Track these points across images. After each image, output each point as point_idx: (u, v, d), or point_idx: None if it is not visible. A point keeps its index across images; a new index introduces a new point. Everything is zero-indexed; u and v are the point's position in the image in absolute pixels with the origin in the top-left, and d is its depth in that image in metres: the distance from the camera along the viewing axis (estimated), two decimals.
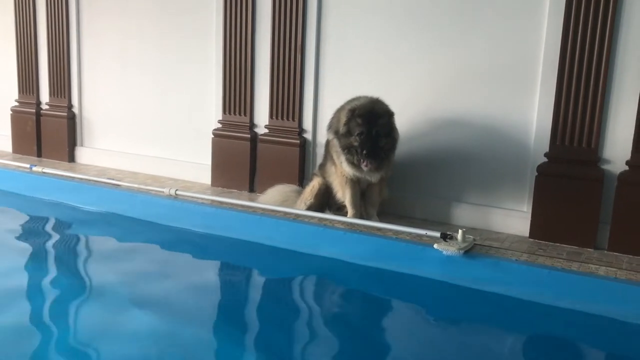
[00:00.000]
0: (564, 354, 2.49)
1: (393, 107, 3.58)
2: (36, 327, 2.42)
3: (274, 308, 2.80)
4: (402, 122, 3.73)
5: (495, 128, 3.65)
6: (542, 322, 2.71)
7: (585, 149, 3.35)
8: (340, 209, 3.73)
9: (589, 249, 3.32)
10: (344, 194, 3.65)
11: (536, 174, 3.48)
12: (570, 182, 3.37)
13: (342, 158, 3.52)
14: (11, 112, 5.60)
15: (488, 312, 2.82)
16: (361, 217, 3.59)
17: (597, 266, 2.99)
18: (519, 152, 3.59)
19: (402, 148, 3.82)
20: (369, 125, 3.35)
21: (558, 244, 3.40)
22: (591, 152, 3.34)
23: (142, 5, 4.85)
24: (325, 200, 3.77)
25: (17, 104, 5.58)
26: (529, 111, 3.53)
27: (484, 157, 3.70)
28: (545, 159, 3.46)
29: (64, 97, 5.31)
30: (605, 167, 3.35)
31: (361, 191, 3.68)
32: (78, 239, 3.72)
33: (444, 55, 3.74)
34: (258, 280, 3.28)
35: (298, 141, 4.20)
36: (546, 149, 3.46)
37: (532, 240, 3.48)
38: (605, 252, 3.30)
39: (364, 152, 3.35)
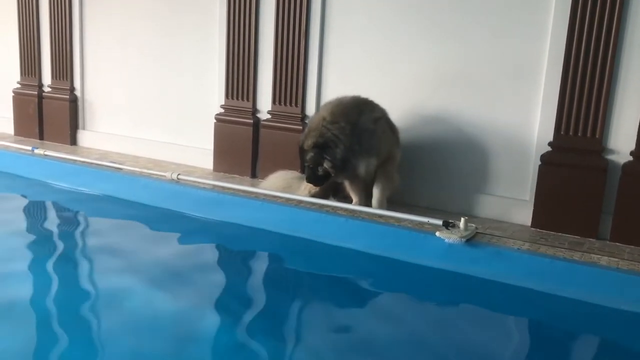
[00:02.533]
0: (564, 343, 2.49)
1: (396, 95, 3.56)
2: (41, 307, 2.43)
3: (274, 294, 2.81)
4: (405, 109, 3.71)
5: (499, 117, 3.63)
6: (543, 312, 2.72)
7: (589, 138, 3.34)
8: (345, 197, 3.73)
9: (591, 239, 3.32)
10: (350, 183, 3.65)
11: (540, 163, 3.47)
12: (573, 172, 3.36)
13: None
14: (13, 94, 5.58)
15: (489, 300, 2.82)
16: (365, 205, 3.58)
17: (599, 256, 2.98)
18: (523, 141, 3.57)
19: (405, 135, 3.81)
20: (301, 157, 3.58)
21: (560, 234, 3.39)
22: (596, 142, 3.33)
23: None
24: (330, 190, 3.77)
25: (19, 86, 5.56)
26: (534, 100, 3.51)
27: (487, 145, 3.68)
28: (549, 149, 3.45)
29: (66, 79, 5.29)
30: (610, 157, 3.33)
31: (370, 179, 3.67)
32: (79, 222, 3.73)
33: (450, 41, 3.71)
34: (259, 265, 3.29)
35: (301, 127, 4.18)
36: (550, 138, 3.44)
37: (534, 229, 3.47)
38: (608, 242, 3.29)
39: (306, 177, 3.59)
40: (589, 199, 3.34)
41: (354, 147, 3.45)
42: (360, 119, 3.48)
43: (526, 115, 3.55)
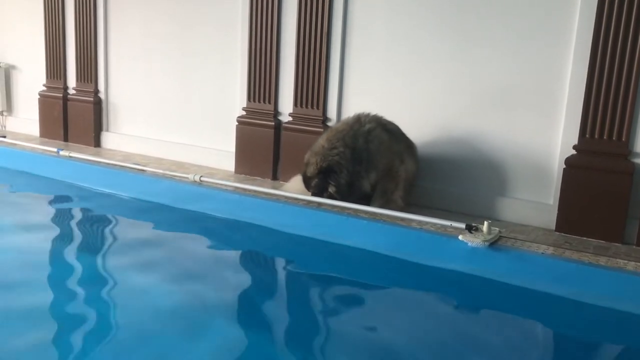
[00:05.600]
0: (588, 350, 2.46)
1: (418, 97, 3.55)
2: (61, 309, 2.46)
3: (296, 297, 2.82)
4: (427, 111, 3.69)
5: (524, 120, 3.59)
6: (568, 318, 2.68)
7: (615, 142, 3.29)
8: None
9: (616, 244, 3.27)
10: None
11: (564, 166, 3.43)
12: (599, 176, 3.32)
13: None
14: (39, 97, 5.68)
15: (512, 305, 2.79)
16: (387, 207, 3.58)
17: (626, 261, 2.94)
18: (547, 144, 3.54)
19: (427, 139, 3.80)
20: (305, 184, 3.67)
21: (585, 238, 3.35)
22: (621, 145, 3.28)
23: None
24: None
25: (45, 88, 5.66)
26: (559, 103, 3.47)
27: (511, 148, 3.65)
28: (574, 152, 3.41)
29: (91, 82, 5.36)
30: (636, 160, 3.28)
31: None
32: (104, 223, 3.78)
33: (474, 43, 3.69)
34: (280, 268, 3.29)
35: (322, 130, 4.18)
36: (575, 141, 3.40)
37: (558, 233, 3.43)
38: (634, 247, 3.25)
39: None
40: (615, 203, 3.29)
41: (357, 169, 3.51)
42: (357, 140, 3.54)
43: (550, 118, 3.51)
